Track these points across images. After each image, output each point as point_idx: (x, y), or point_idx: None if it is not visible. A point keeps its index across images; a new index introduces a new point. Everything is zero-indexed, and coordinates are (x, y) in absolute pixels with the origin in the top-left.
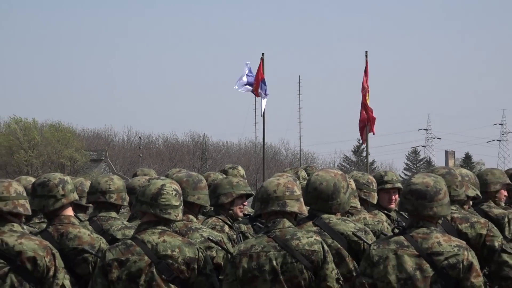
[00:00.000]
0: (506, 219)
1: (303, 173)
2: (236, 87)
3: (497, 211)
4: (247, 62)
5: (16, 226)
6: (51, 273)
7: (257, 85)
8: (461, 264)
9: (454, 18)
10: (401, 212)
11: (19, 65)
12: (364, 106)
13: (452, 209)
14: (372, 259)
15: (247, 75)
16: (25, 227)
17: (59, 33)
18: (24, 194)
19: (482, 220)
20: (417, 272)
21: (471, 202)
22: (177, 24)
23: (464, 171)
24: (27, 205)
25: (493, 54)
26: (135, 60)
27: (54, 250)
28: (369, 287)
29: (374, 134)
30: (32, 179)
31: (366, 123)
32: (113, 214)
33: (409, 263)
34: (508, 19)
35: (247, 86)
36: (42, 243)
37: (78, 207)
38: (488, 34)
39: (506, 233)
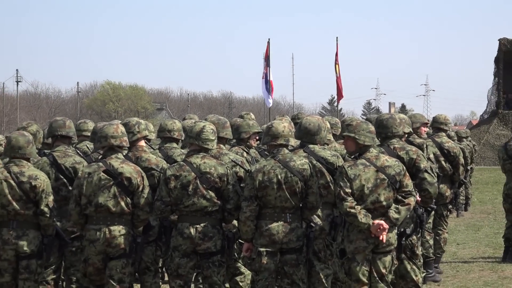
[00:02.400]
0: (425, 145)
1: (287, 118)
2: (270, 102)
3: (419, 140)
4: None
5: (120, 155)
6: (140, 188)
7: (267, 62)
8: (402, 171)
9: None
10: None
11: (110, 41)
12: (337, 79)
13: (394, 141)
14: (350, 177)
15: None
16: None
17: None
18: (125, 133)
19: (414, 148)
20: (378, 181)
21: (406, 135)
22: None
23: (402, 115)
24: (127, 140)
25: (416, 32)
26: (184, 37)
27: (143, 174)
28: (350, 194)
29: (342, 97)
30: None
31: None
32: (175, 145)
33: (373, 176)
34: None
35: (269, 95)
36: (136, 168)
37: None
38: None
39: (425, 153)
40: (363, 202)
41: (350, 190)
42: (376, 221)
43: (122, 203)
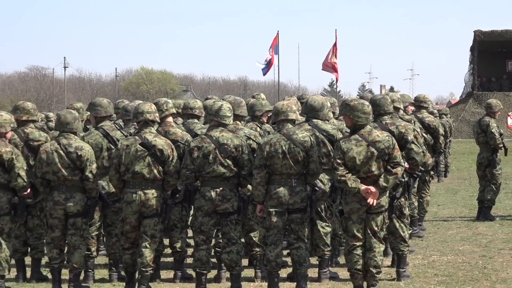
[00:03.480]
0: (413, 121)
1: (294, 98)
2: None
3: (407, 117)
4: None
5: (152, 130)
6: (170, 158)
7: (273, 49)
8: (391, 145)
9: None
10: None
11: (144, 31)
12: (332, 64)
13: (386, 118)
14: (343, 150)
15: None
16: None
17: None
18: (156, 110)
19: (403, 123)
20: (369, 154)
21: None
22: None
23: (398, 95)
24: (158, 116)
25: (404, 24)
26: (206, 29)
27: (173, 146)
28: (341, 165)
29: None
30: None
31: (333, 72)
32: (196, 120)
33: (364, 150)
34: None
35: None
36: (167, 141)
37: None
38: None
39: (416, 127)
40: (356, 172)
41: (342, 161)
42: (365, 186)
43: (155, 171)
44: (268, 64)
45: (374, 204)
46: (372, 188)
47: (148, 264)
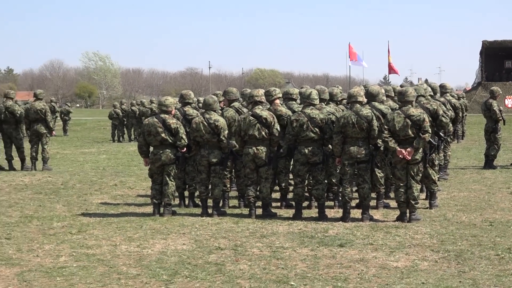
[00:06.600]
0: (446, 102)
1: (362, 87)
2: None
3: (442, 99)
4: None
5: (260, 107)
6: (273, 124)
7: (351, 54)
8: (421, 118)
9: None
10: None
11: (260, 39)
12: (390, 63)
13: (423, 99)
14: (388, 119)
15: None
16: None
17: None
18: (263, 95)
19: (437, 103)
20: (405, 123)
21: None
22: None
23: (423, 85)
24: (265, 99)
25: (435, 35)
26: (305, 39)
27: (274, 116)
28: (387, 129)
29: (399, 75)
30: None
31: (392, 69)
32: (294, 102)
33: (402, 120)
34: None
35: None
36: (270, 113)
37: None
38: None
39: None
40: (397, 136)
41: (388, 127)
42: (399, 149)
43: (263, 133)
44: (358, 62)
45: (410, 158)
46: (404, 151)
47: (266, 196)
